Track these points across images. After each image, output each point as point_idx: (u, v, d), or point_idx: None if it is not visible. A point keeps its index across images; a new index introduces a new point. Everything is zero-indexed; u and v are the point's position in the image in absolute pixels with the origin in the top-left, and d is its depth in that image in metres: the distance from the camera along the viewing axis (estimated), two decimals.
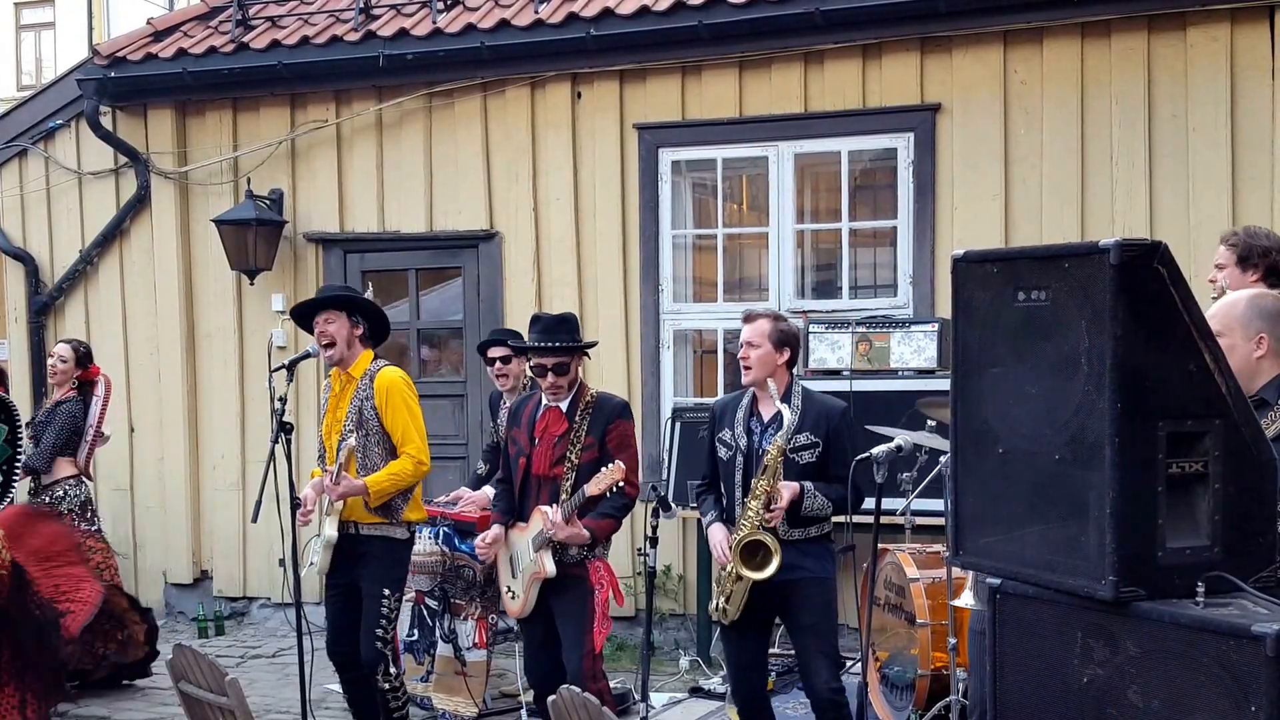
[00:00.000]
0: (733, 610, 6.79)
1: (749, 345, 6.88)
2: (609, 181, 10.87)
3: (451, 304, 11.90)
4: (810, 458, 6.81)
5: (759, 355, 6.86)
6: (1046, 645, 4.09)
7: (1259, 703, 3.44)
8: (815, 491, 6.73)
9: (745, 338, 6.91)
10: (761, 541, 6.61)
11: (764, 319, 6.94)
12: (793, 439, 6.77)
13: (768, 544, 6.60)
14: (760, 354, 6.86)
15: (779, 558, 6.57)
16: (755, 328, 6.89)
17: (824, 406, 6.94)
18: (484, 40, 10.85)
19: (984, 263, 4.25)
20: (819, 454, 6.82)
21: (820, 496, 6.74)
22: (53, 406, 10.23)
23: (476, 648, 8.80)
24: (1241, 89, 9.28)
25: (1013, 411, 4.10)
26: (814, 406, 6.91)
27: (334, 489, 7.44)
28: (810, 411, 6.87)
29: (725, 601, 6.79)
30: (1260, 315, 4.67)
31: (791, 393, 6.91)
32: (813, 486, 6.73)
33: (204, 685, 5.69)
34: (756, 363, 6.86)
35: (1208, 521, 3.83)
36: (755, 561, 6.63)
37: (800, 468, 6.78)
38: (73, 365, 10.19)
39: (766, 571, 6.60)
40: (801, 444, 6.80)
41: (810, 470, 6.80)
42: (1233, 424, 3.85)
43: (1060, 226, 9.56)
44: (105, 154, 12.36)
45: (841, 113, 10.28)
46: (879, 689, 8.10)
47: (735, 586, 6.76)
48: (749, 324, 6.94)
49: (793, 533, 6.77)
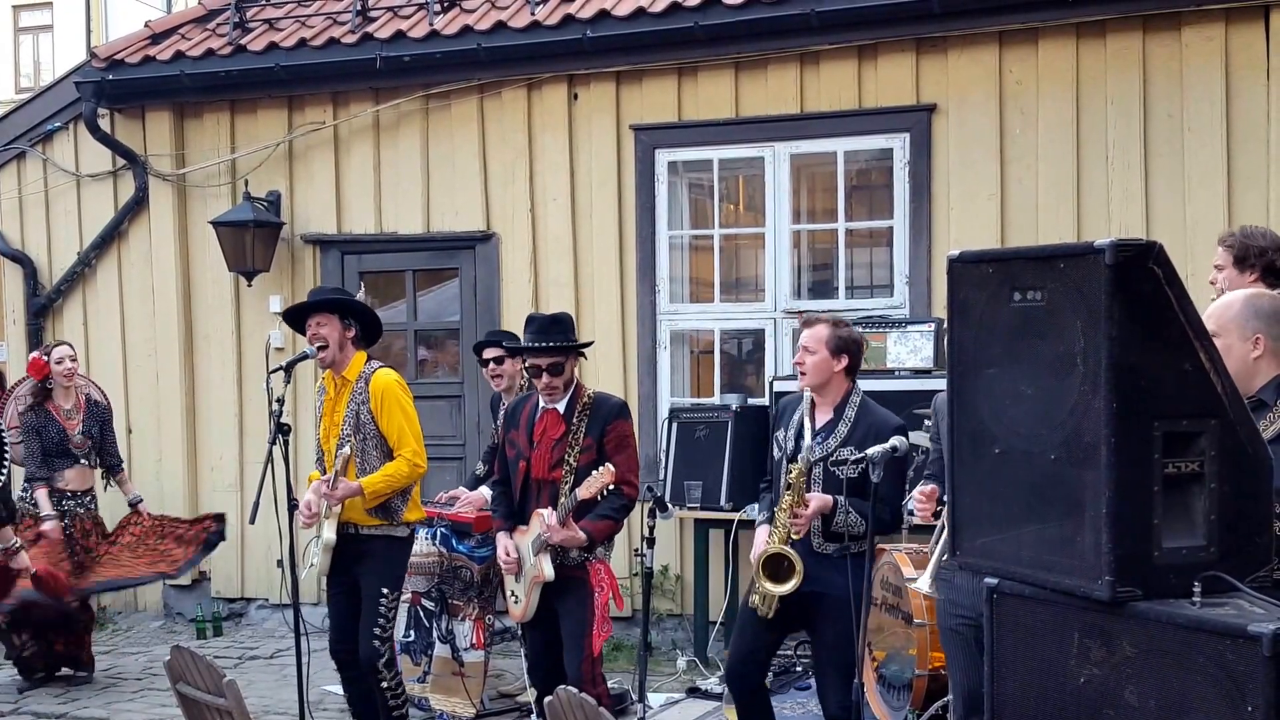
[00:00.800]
0: (765, 608, 6.72)
1: (805, 350, 6.78)
2: (605, 182, 10.88)
3: (449, 305, 11.91)
4: (852, 472, 6.66)
5: (815, 361, 6.76)
6: (1043, 645, 4.09)
7: (1255, 702, 3.44)
8: (849, 507, 6.61)
9: (802, 342, 6.82)
10: (784, 555, 6.56)
11: (822, 324, 6.83)
12: (836, 452, 6.70)
13: (791, 558, 6.54)
14: (816, 360, 6.76)
15: (799, 577, 6.51)
16: (813, 333, 6.79)
17: (876, 421, 6.78)
18: (481, 42, 10.86)
19: (979, 263, 4.26)
20: (862, 470, 6.61)
21: (853, 513, 6.60)
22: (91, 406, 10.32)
23: (474, 648, 8.81)
24: (1237, 88, 9.29)
25: (1009, 411, 4.10)
26: (865, 419, 6.77)
27: (331, 494, 7.45)
28: (861, 424, 6.76)
29: (760, 601, 6.73)
30: (1257, 315, 4.66)
31: (848, 403, 6.82)
32: (846, 502, 6.62)
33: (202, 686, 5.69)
34: (812, 368, 6.77)
35: (1204, 521, 3.84)
36: (777, 574, 6.59)
37: (840, 482, 6.66)
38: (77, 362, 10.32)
39: (786, 587, 6.55)
40: (845, 458, 6.68)
41: (852, 485, 6.65)
42: (1229, 424, 3.85)
43: (1056, 226, 9.57)
44: (103, 156, 12.37)
45: (837, 113, 10.29)
46: (876, 689, 8.10)
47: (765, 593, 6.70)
48: (807, 328, 6.84)
49: (827, 546, 6.70)
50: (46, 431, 10.03)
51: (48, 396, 10.15)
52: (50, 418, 10.09)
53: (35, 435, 10.02)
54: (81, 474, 10.18)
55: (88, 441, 10.15)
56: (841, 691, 6.76)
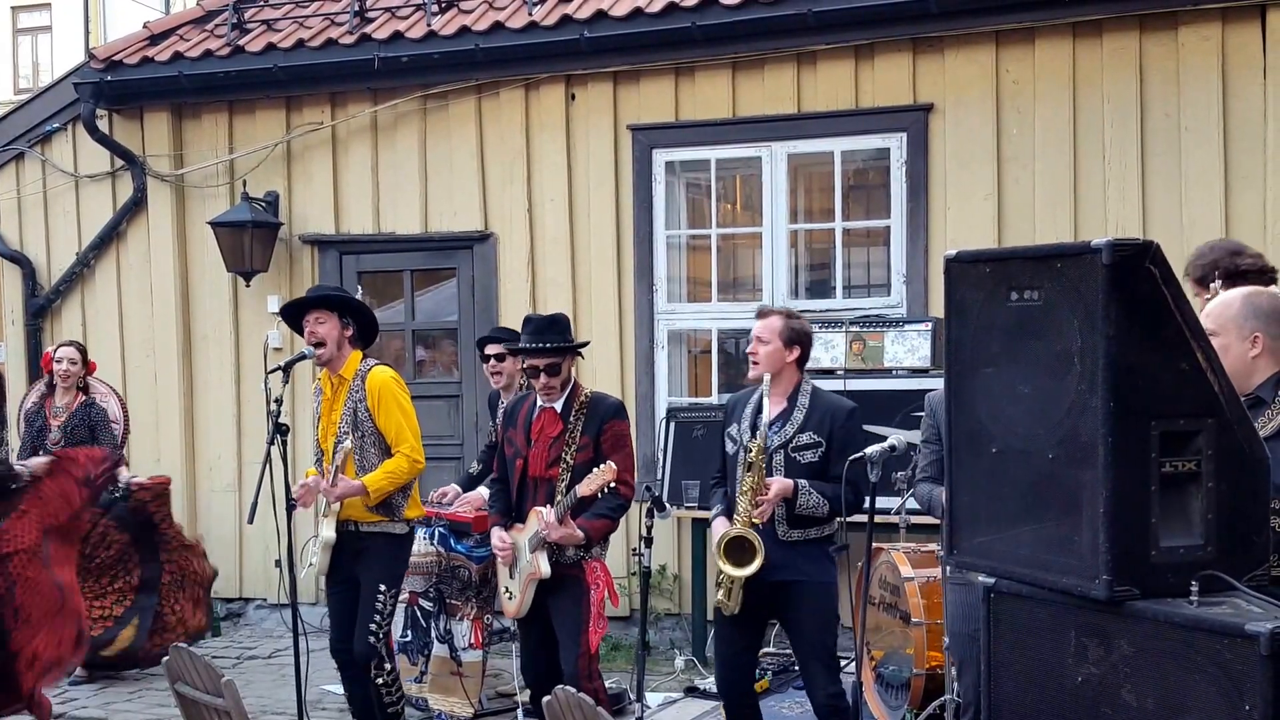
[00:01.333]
0: (731, 604, 6.73)
1: (759, 340, 6.86)
2: (603, 182, 10.89)
3: (446, 305, 11.92)
4: (812, 457, 6.75)
5: (767, 351, 6.84)
6: (1041, 645, 4.10)
7: (1253, 701, 3.45)
8: (810, 489, 6.66)
9: (755, 333, 6.89)
10: (745, 538, 6.58)
11: (776, 315, 6.92)
12: (795, 438, 6.76)
13: (751, 540, 6.56)
14: (769, 350, 6.84)
15: (761, 557, 6.52)
16: (766, 324, 6.87)
17: (830, 406, 6.88)
18: (478, 42, 10.87)
19: (977, 263, 4.27)
20: (821, 454, 6.75)
21: (815, 494, 6.66)
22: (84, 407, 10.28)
23: (472, 648, 8.81)
24: (1233, 88, 9.30)
25: (1006, 411, 4.11)
26: (820, 405, 6.85)
27: (331, 491, 7.46)
28: (816, 411, 6.82)
29: (725, 596, 6.75)
30: (1255, 314, 4.66)
31: (800, 391, 6.87)
32: (808, 484, 6.67)
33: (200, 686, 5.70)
34: (765, 358, 6.84)
35: (1201, 520, 3.85)
36: (739, 559, 6.60)
37: (801, 467, 6.73)
38: (81, 366, 10.31)
39: (748, 570, 6.57)
40: (804, 443, 6.76)
41: (812, 470, 6.74)
42: (1225, 423, 3.86)
43: (1053, 226, 9.58)
44: (102, 157, 12.37)
45: (834, 113, 10.30)
46: (874, 688, 8.11)
47: (729, 583, 6.72)
48: (761, 319, 6.91)
49: (792, 533, 6.73)
50: (34, 424, 10.19)
51: (52, 392, 10.30)
52: (41, 412, 10.25)
53: (28, 425, 10.24)
54: None
55: (62, 439, 10.07)
56: (827, 680, 6.77)
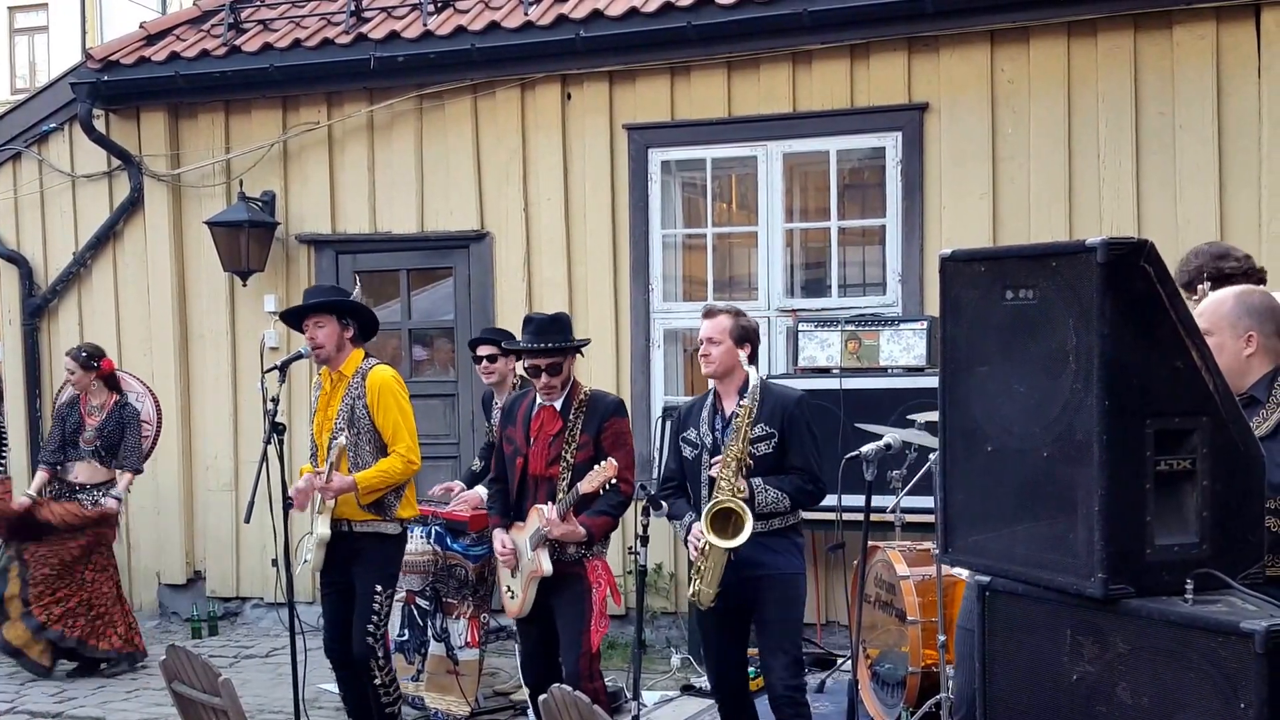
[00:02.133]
0: (709, 590, 6.69)
1: (710, 342, 6.90)
2: (599, 182, 10.90)
3: (443, 304, 11.92)
4: (766, 449, 6.75)
5: (719, 352, 6.90)
6: (1036, 642, 4.12)
7: (1248, 699, 3.47)
8: (765, 486, 6.66)
9: (705, 334, 6.94)
10: (731, 509, 6.54)
11: (724, 315, 6.95)
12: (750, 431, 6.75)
13: (737, 510, 6.52)
14: (721, 350, 6.89)
15: (749, 526, 6.48)
16: (716, 324, 6.91)
17: (779, 397, 6.89)
18: (474, 42, 10.88)
19: (972, 261, 4.28)
20: (775, 445, 6.75)
21: (772, 490, 6.66)
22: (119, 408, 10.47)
23: (469, 647, 8.82)
24: (1228, 87, 9.32)
25: (1001, 409, 4.12)
26: (770, 398, 6.85)
27: (325, 487, 7.47)
28: (766, 403, 6.81)
29: (702, 584, 6.72)
30: (1249, 313, 4.68)
31: (749, 386, 6.85)
32: (762, 482, 6.66)
33: (197, 685, 5.71)
34: (717, 359, 6.90)
35: (1196, 519, 3.86)
36: (726, 531, 6.56)
37: (756, 460, 6.72)
38: (82, 373, 10.39)
39: (738, 540, 6.51)
40: (757, 435, 6.75)
41: (767, 462, 6.73)
42: (1220, 421, 3.88)
43: (1048, 225, 9.60)
44: (98, 157, 12.38)
45: (830, 112, 10.32)
46: (870, 686, 8.13)
47: (707, 563, 6.67)
48: (709, 319, 6.95)
49: (755, 526, 6.62)
50: (67, 421, 10.44)
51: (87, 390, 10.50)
52: (75, 409, 10.46)
53: (59, 423, 10.49)
54: (90, 469, 10.40)
55: (97, 439, 10.33)
56: (787, 671, 6.76)
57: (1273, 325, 4.76)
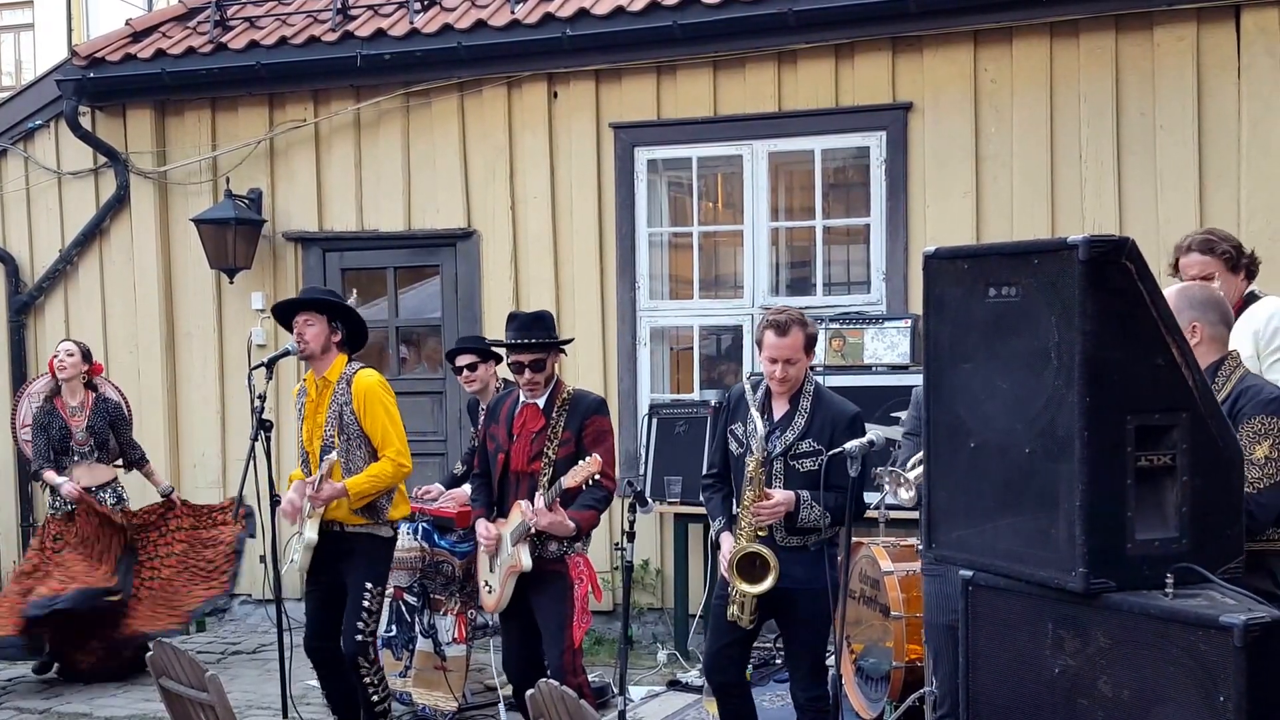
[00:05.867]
0: (746, 619, 6.65)
1: (788, 364, 6.58)
2: (585, 180, 10.94)
3: (430, 302, 11.94)
4: (812, 465, 6.58)
5: (796, 371, 6.64)
6: (1018, 637, 4.16)
7: (1227, 691, 3.51)
8: (812, 502, 6.53)
9: (784, 355, 6.56)
10: (758, 554, 6.49)
11: (796, 327, 6.58)
12: (795, 445, 6.61)
13: (764, 556, 6.47)
14: (797, 369, 6.64)
15: (775, 574, 6.43)
16: (791, 342, 6.56)
17: (832, 412, 6.66)
18: (461, 40, 10.91)
19: (955, 259, 4.32)
20: (821, 463, 6.52)
21: (817, 508, 6.52)
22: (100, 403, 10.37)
23: (456, 642, 8.83)
24: (1208, 87, 9.38)
25: (984, 406, 4.16)
26: (822, 411, 6.66)
27: (316, 496, 7.46)
28: (818, 416, 6.65)
29: (740, 611, 6.65)
30: (1190, 305, 4.95)
31: (803, 393, 6.71)
32: (809, 496, 6.53)
33: (185, 681, 5.71)
34: (795, 378, 6.65)
35: (1176, 514, 3.91)
36: (752, 575, 6.50)
37: (802, 476, 6.59)
38: (79, 360, 10.28)
39: (763, 586, 6.47)
40: (804, 451, 6.61)
41: (813, 478, 6.57)
42: (1199, 417, 3.92)
43: (1030, 223, 9.66)
44: (84, 154, 12.39)
45: (815, 112, 10.35)
46: (854, 681, 8.17)
47: (742, 599, 6.61)
48: (785, 337, 6.55)
49: (790, 539, 6.62)
50: (51, 427, 10.19)
51: (58, 393, 10.31)
52: (56, 414, 10.24)
53: (42, 431, 10.21)
54: (91, 470, 10.28)
55: (90, 439, 10.22)
56: (811, 682, 6.79)
57: (1216, 315, 5.05)
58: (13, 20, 34.59)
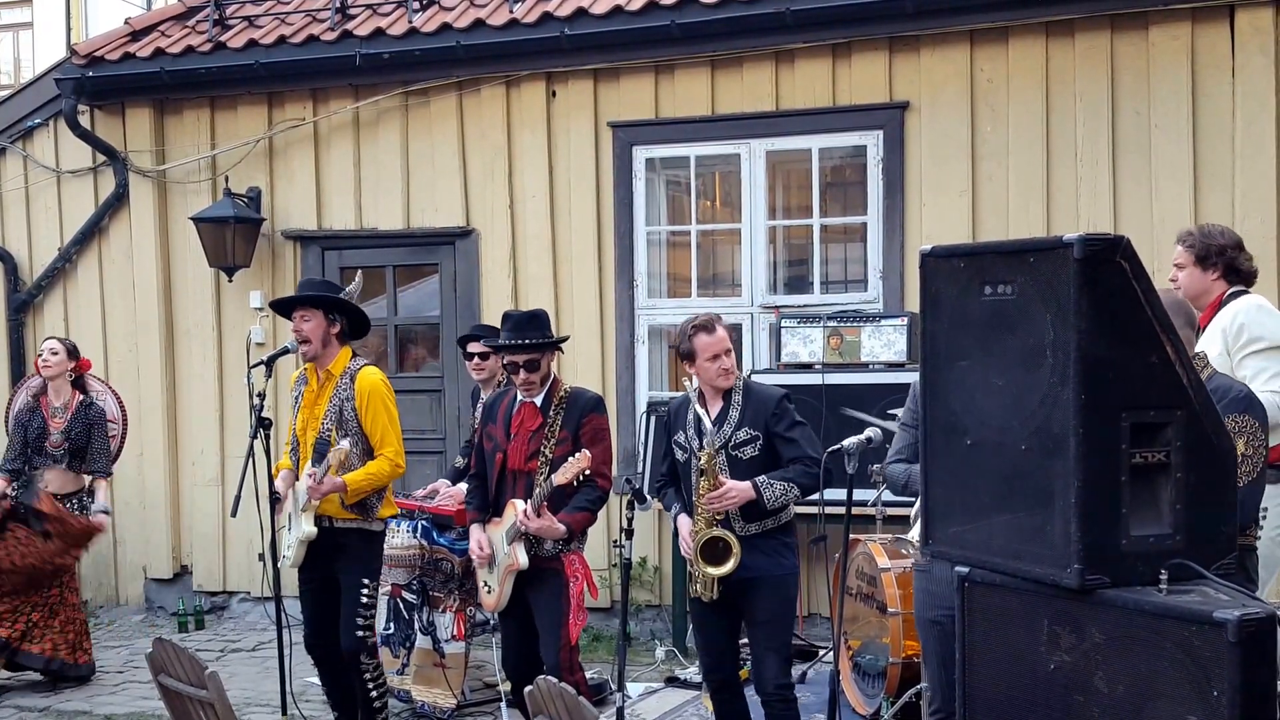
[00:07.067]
0: (708, 593, 6.82)
1: (728, 354, 6.88)
2: (584, 179, 10.96)
3: (429, 300, 11.96)
4: (753, 451, 6.80)
5: (733, 361, 6.94)
6: (1014, 633, 4.17)
7: (1221, 687, 3.53)
8: (770, 482, 6.71)
9: (723, 346, 6.87)
10: (720, 538, 6.68)
11: (718, 324, 6.96)
12: (733, 436, 6.81)
13: (727, 540, 6.67)
14: (733, 359, 6.93)
15: (737, 557, 6.64)
16: (722, 334, 6.90)
17: (760, 398, 6.91)
18: (459, 39, 10.93)
19: (951, 258, 4.34)
20: (760, 447, 6.79)
21: (777, 484, 6.70)
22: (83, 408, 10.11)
23: (455, 640, 8.85)
24: (1203, 87, 9.42)
25: (980, 403, 4.18)
26: (752, 400, 6.90)
27: (318, 488, 7.48)
28: (749, 406, 6.87)
29: (703, 588, 6.83)
30: None
31: (734, 389, 6.93)
32: (765, 479, 6.71)
33: (184, 679, 5.72)
34: (734, 367, 6.95)
35: (1170, 510, 3.92)
36: (716, 557, 6.70)
37: (745, 464, 6.79)
38: (64, 358, 10.09)
39: (726, 568, 6.67)
40: (742, 439, 6.81)
41: (756, 464, 6.78)
42: (1194, 414, 3.94)
43: (1026, 222, 9.69)
44: (83, 153, 12.41)
45: (812, 111, 10.38)
46: (851, 677, 8.20)
47: (705, 578, 6.80)
48: (715, 334, 6.87)
49: (749, 528, 6.78)
50: (29, 426, 10.02)
51: (45, 391, 10.17)
52: (38, 412, 10.07)
53: (20, 429, 10.06)
54: (62, 477, 10.01)
55: (64, 443, 9.97)
56: (778, 671, 6.84)
57: (1183, 318, 5.04)
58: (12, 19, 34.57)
